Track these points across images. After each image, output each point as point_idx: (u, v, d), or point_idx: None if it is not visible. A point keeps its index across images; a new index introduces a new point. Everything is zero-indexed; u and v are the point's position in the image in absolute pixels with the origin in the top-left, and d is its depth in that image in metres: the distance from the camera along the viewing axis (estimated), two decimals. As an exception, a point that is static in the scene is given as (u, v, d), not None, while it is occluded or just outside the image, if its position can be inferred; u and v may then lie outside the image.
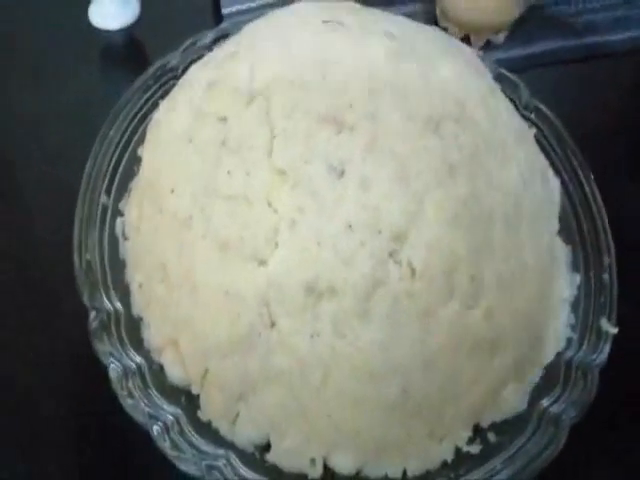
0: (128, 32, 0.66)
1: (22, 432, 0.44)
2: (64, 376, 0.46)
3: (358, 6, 0.51)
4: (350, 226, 0.34)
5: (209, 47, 0.52)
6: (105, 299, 0.38)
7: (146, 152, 0.43)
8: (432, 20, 0.68)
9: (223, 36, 0.53)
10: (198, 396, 0.36)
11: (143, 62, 0.65)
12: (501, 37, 0.66)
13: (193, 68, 0.46)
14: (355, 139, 0.36)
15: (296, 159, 0.36)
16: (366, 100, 0.38)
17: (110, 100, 0.55)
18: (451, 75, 0.41)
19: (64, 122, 0.58)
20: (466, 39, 0.66)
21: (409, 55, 0.41)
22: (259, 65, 0.40)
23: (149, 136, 0.44)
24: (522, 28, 0.67)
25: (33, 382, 0.45)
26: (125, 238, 0.42)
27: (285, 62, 0.40)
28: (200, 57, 0.51)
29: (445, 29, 0.66)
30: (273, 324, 0.34)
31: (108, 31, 0.65)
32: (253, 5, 0.65)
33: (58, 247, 0.42)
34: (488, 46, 0.66)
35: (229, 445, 0.35)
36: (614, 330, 0.39)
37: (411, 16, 0.65)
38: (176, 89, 0.46)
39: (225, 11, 0.65)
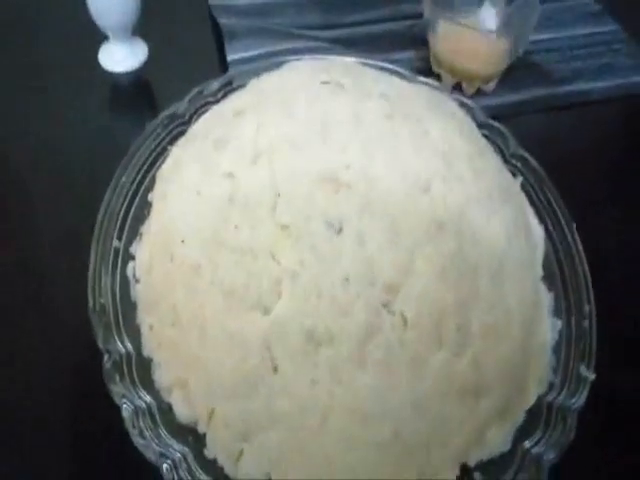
0: (136, 75, 0.69)
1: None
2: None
3: (353, 64, 0.54)
4: (347, 279, 0.37)
5: (215, 95, 0.55)
6: (118, 341, 0.40)
7: (156, 201, 0.46)
8: (426, 66, 0.72)
9: (228, 84, 0.56)
10: (204, 435, 0.38)
11: (150, 103, 0.69)
12: (491, 85, 0.69)
13: (201, 122, 0.50)
14: (352, 198, 0.39)
15: (298, 216, 0.39)
16: (362, 161, 0.41)
17: (118, 139, 0.59)
18: (441, 135, 0.44)
19: (73, 159, 0.61)
20: (458, 86, 0.69)
21: (402, 116, 0.45)
22: (264, 125, 0.43)
23: (159, 185, 0.47)
24: (511, 76, 0.71)
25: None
26: (136, 281, 0.44)
27: (288, 123, 0.43)
28: (206, 104, 0.54)
29: (438, 76, 0.70)
30: (275, 369, 0.37)
31: (117, 73, 0.69)
32: (257, 53, 0.68)
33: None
34: (479, 93, 0.69)
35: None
36: (592, 377, 0.41)
37: (406, 62, 0.70)
38: (185, 140, 0.49)
39: (230, 58, 0.68)
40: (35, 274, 0.53)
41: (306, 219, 0.39)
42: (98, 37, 0.68)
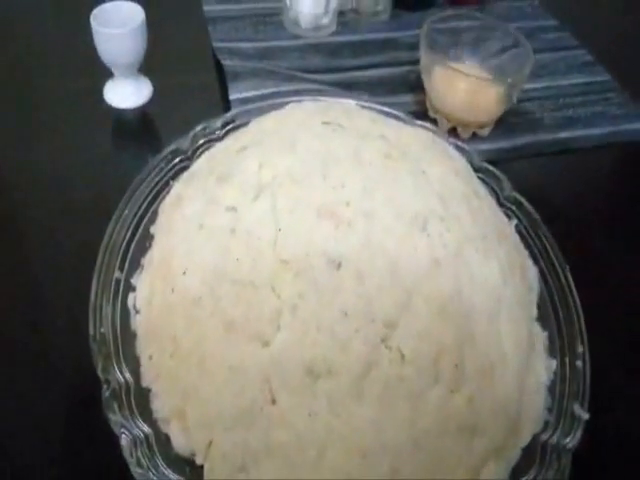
0: (140, 112, 0.70)
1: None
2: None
3: (353, 106, 0.56)
4: (346, 314, 0.38)
5: (217, 132, 0.56)
6: (117, 371, 0.41)
7: (158, 233, 0.47)
8: (422, 110, 0.74)
9: (230, 122, 0.58)
10: (202, 466, 0.38)
11: (153, 139, 0.70)
12: (486, 130, 0.71)
13: (204, 158, 0.51)
14: (351, 234, 0.40)
15: (298, 251, 0.40)
16: (361, 198, 0.42)
17: (121, 174, 0.59)
18: (437, 176, 0.46)
19: (76, 192, 0.61)
20: (453, 130, 0.71)
21: (400, 157, 0.46)
22: (266, 162, 0.45)
23: (162, 218, 0.48)
24: (506, 122, 0.73)
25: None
26: (137, 312, 0.45)
27: (289, 160, 0.45)
28: (209, 141, 0.56)
29: (434, 120, 0.71)
30: (274, 401, 0.37)
31: (121, 109, 0.70)
32: (258, 93, 0.70)
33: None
34: (474, 137, 0.71)
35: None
36: (586, 416, 0.42)
37: (404, 105, 0.72)
38: (188, 175, 0.50)
39: (233, 97, 0.69)
40: (36, 303, 0.53)
41: (306, 254, 0.40)
42: (103, 73, 0.69)
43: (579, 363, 0.45)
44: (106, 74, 0.69)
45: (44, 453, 0.45)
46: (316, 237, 0.40)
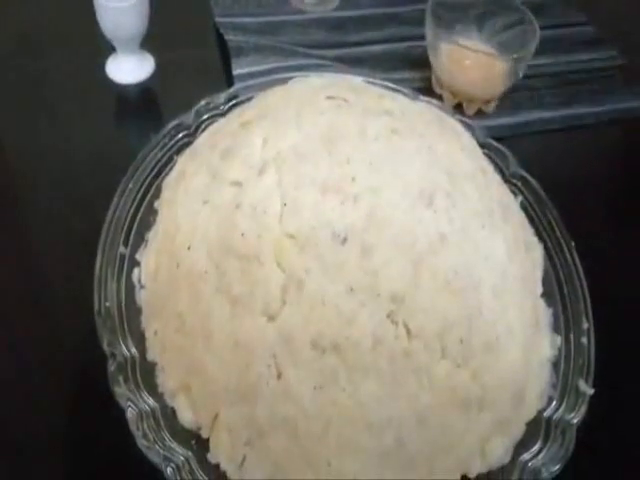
0: (143, 87, 0.70)
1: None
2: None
3: (358, 81, 0.55)
4: (352, 288, 0.38)
5: (220, 108, 0.56)
6: (122, 345, 0.41)
7: (163, 208, 0.47)
8: (427, 86, 0.73)
9: (234, 97, 0.57)
10: (207, 439, 0.39)
11: (156, 115, 0.70)
12: (491, 107, 0.71)
13: (208, 133, 0.50)
14: (357, 209, 0.40)
15: (304, 225, 0.39)
16: (367, 173, 0.42)
17: (124, 149, 0.59)
18: (443, 152, 0.45)
19: (80, 167, 0.61)
20: (459, 106, 0.70)
21: (406, 132, 0.45)
22: (271, 137, 0.44)
23: (166, 193, 0.48)
24: (511, 98, 0.72)
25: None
26: (141, 286, 0.44)
27: (294, 135, 0.44)
28: (212, 116, 0.55)
29: (440, 96, 0.71)
30: (280, 375, 0.37)
31: (124, 85, 0.69)
32: (262, 69, 0.69)
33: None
34: (479, 113, 0.71)
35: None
36: (591, 391, 0.42)
37: (408, 81, 0.72)
38: (191, 151, 0.50)
39: (236, 72, 0.69)
40: (41, 278, 0.53)
41: (312, 228, 0.39)
42: (105, 49, 0.69)
43: (584, 339, 0.45)
44: (108, 49, 0.69)
45: (48, 429, 0.45)
46: (322, 212, 0.40)
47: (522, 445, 0.41)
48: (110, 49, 0.69)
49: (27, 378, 0.48)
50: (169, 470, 0.35)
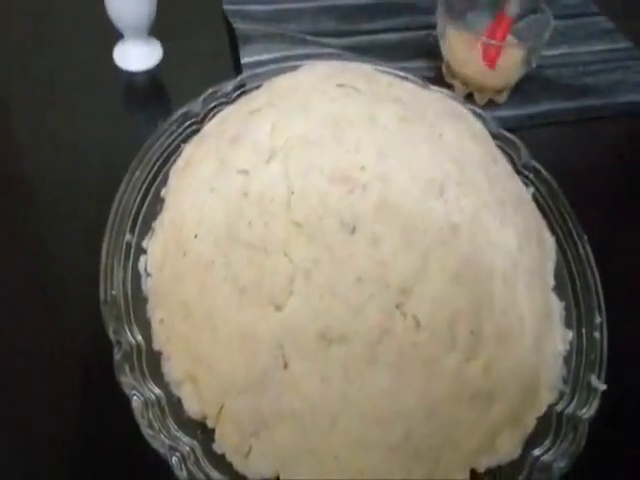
0: (150, 74, 0.69)
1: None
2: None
3: (367, 69, 0.54)
4: (360, 279, 0.37)
5: (228, 96, 0.55)
6: (128, 333, 0.40)
7: (170, 196, 0.46)
8: (438, 75, 0.72)
9: (242, 86, 0.56)
10: (213, 430, 0.38)
11: (163, 102, 0.69)
12: (503, 96, 0.70)
13: (216, 120, 0.50)
14: (366, 198, 0.39)
15: (312, 214, 0.39)
16: (376, 162, 0.41)
17: (131, 136, 0.59)
18: (454, 140, 0.45)
19: (87, 155, 0.61)
20: (470, 96, 0.69)
21: (416, 120, 0.45)
22: (279, 124, 0.44)
23: (173, 181, 0.47)
24: (523, 89, 0.71)
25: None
26: (148, 275, 0.44)
27: (303, 123, 0.43)
28: (220, 104, 0.55)
29: (450, 86, 0.70)
30: (286, 366, 0.37)
31: (131, 72, 0.69)
32: (270, 57, 0.68)
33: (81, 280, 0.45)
34: (491, 104, 0.70)
35: (242, 478, 0.37)
36: (603, 387, 0.41)
37: (418, 70, 0.71)
38: (199, 138, 0.49)
39: (244, 61, 0.68)
40: (47, 267, 0.53)
41: (320, 217, 0.39)
42: (113, 36, 0.68)
43: (596, 334, 0.44)
44: (116, 36, 0.68)
45: (56, 417, 0.45)
46: (330, 201, 0.39)
47: (533, 440, 0.40)
48: (118, 36, 0.68)
49: (34, 368, 0.47)
50: (174, 460, 0.35)
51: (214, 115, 0.53)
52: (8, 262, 0.53)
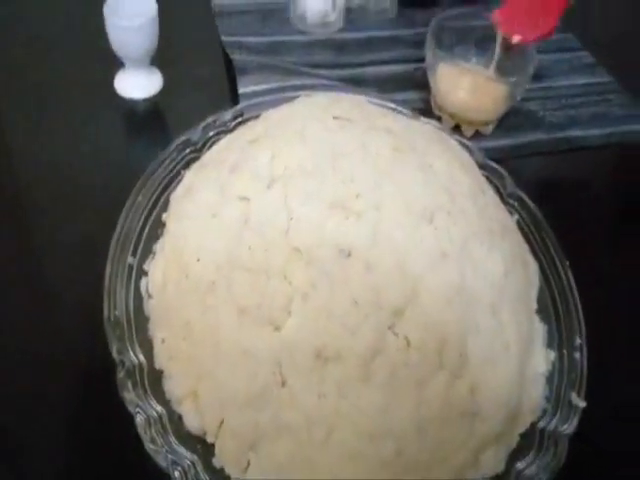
0: (150, 103, 0.71)
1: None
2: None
3: (361, 100, 0.57)
4: (355, 302, 0.39)
5: (227, 125, 0.57)
6: (130, 352, 0.42)
7: (171, 221, 0.48)
8: (427, 107, 0.75)
9: (240, 115, 0.59)
10: (213, 445, 0.40)
11: (163, 130, 0.71)
12: (489, 128, 0.72)
13: (216, 148, 0.52)
14: (361, 226, 0.42)
15: (310, 240, 0.41)
16: (371, 191, 0.43)
17: (132, 163, 0.61)
18: (444, 170, 0.47)
19: (89, 181, 0.63)
20: (457, 127, 0.72)
21: (408, 150, 0.47)
22: (278, 152, 0.46)
23: (174, 206, 0.49)
24: (508, 121, 0.74)
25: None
26: (149, 296, 0.46)
27: (300, 152, 0.46)
28: (219, 133, 0.57)
29: (439, 118, 0.73)
30: (284, 383, 0.39)
31: (132, 100, 0.71)
32: (267, 87, 0.71)
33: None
34: (477, 136, 0.72)
35: (240, 491, 0.39)
36: (583, 404, 0.43)
37: (408, 102, 0.73)
38: (199, 165, 0.52)
39: (241, 91, 0.71)
40: (49, 289, 0.55)
41: (317, 244, 0.41)
42: (114, 64, 0.70)
43: (577, 355, 0.46)
44: (117, 64, 0.70)
45: (58, 433, 0.47)
46: (327, 227, 0.41)
47: (517, 454, 0.42)
48: (119, 64, 0.70)
49: (37, 386, 0.49)
50: (176, 473, 0.37)
51: (213, 143, 0.55)
52: (12, 284, 0.54)
